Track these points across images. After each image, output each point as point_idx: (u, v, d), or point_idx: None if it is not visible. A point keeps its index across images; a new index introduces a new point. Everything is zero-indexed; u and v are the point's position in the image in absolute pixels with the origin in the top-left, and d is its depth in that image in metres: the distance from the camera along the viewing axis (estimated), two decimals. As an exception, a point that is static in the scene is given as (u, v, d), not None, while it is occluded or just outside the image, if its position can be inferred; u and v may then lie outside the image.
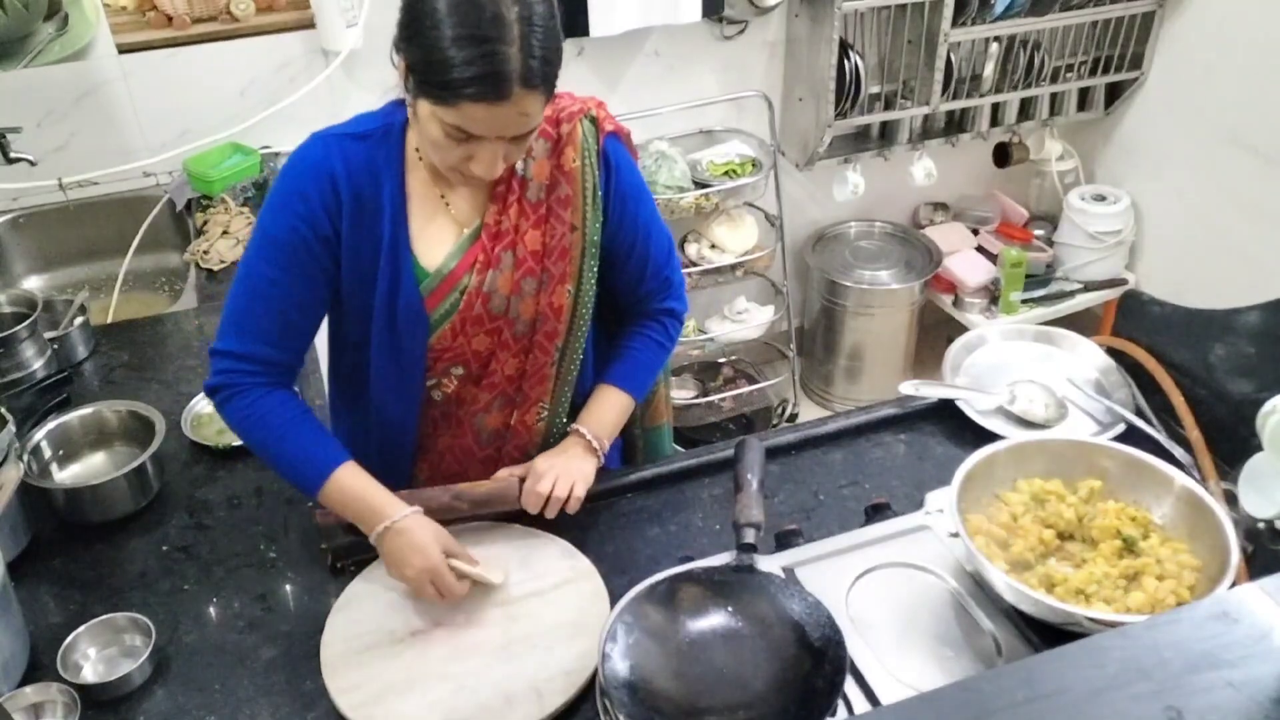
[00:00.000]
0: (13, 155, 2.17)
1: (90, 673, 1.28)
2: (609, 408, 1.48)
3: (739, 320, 3.04)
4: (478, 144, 1.20)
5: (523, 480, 1.41)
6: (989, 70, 2.88)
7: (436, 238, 1.35)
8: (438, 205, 1.35)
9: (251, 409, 1.33)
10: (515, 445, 1.48)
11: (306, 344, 1.39)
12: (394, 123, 1.32)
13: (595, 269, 1.41)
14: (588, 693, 1.22)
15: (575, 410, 1.51)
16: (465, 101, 1.14)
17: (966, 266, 3.18)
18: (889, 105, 2.90)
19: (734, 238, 2.91)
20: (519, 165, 1.35)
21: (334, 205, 1.29)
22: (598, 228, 1.39)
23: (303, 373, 1.75)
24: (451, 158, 1.23)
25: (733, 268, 2.94)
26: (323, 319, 1.41)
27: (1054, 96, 3.07)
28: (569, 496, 1.38)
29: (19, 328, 1.72)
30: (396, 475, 1.49)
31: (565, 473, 1.39)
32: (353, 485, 1.32)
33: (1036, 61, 2.91)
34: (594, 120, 1.38)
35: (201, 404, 1.69)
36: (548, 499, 1.38)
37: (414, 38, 1.16)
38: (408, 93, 1.23)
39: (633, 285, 1.49)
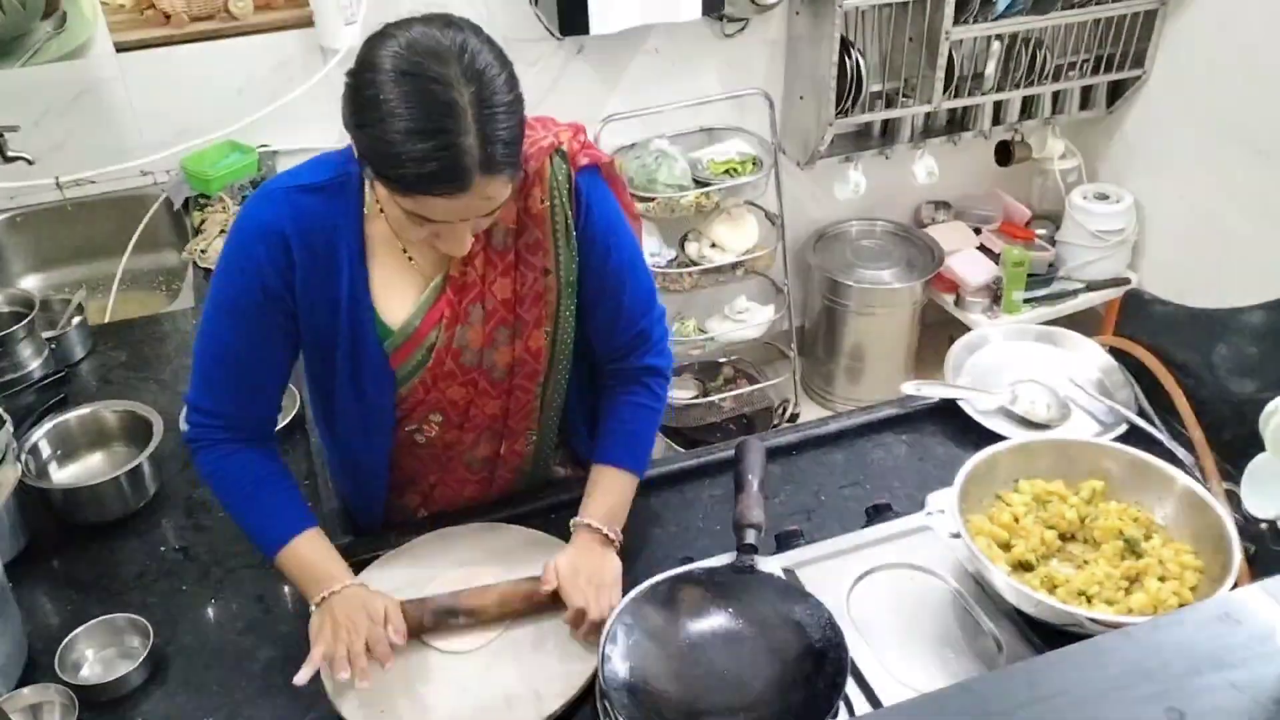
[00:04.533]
0: (10, 154, 2.16)
1: (88, 674, 1.28)
2: (614, 493, 1.37)
3: (739, 320, 3.03)
4: (443, 224, 1.14)
5: (530, 579, 1.30)
6: (991, 68, 2.87)
7: (399, 291, 1.29)
8: (399, 259, 1.28)
9: (218, 465, 1.30)
10: (507, 469, 1.46)
11: (276, 398, 1.36)
12: (352, 172, 1.24)
13: (573, 308, 1.34)
14: (587, 694, 1.21)
15: (564, 430, 1.48)
16: (423, 195, 1.08)
17: (968, 266, 3.18)
18: (890, 103, 2.89)
19: (734, 236, 2.90)
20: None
21: (285, 264, 1.23)
22: (574, 268, 1.31)
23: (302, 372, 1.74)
24: (416, 235, 1.17)
25: (733, 267, 2.93)
26: (290, 372, 1.35)
27: (1056, 95, 3.06)
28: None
29: (16, 327, 1.72)
30: (373, 499, 1.47)
31: (599, 586, 1.27)
32: (305, 553, 1.27)
33: (1039, 60, 2.90)
34: (564, 155, 1.28)
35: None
36: (584, 617, 1.26)
37: (362, 125, 1.08)
38: (365, 172, 1.16)
39: (605, 335, 1.38)
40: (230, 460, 1.30)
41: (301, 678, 1.17)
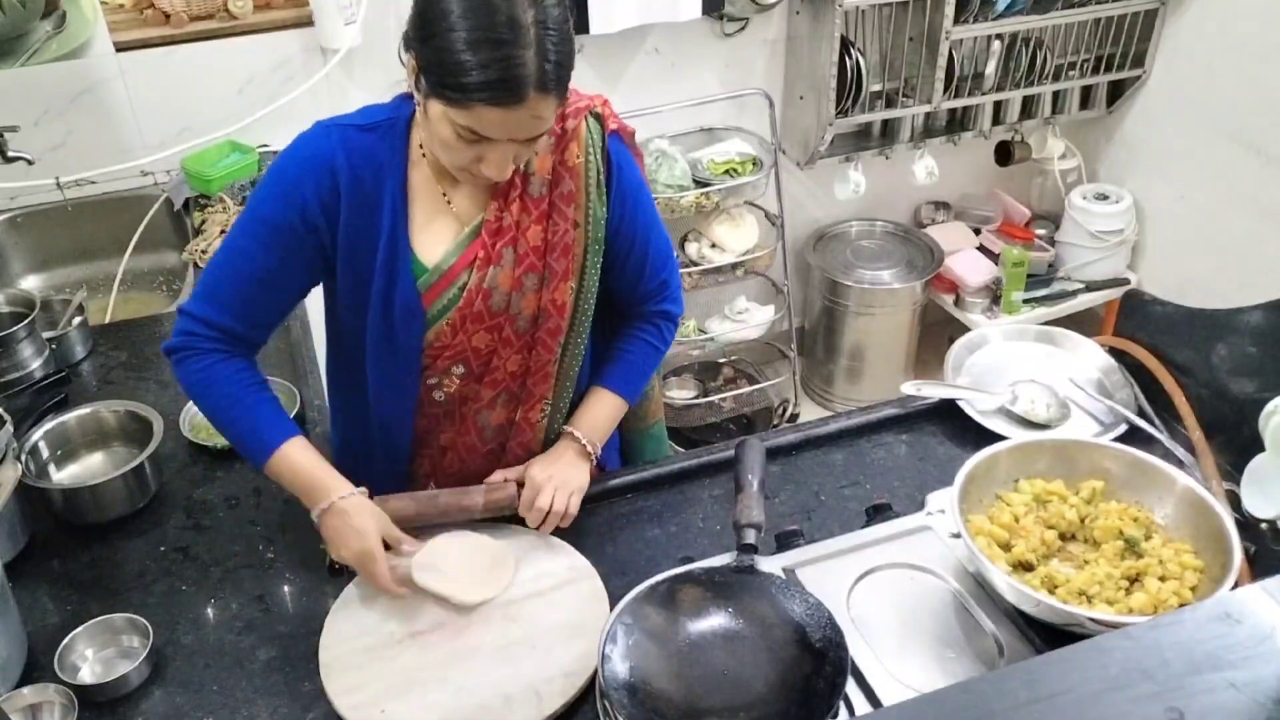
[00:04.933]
0: (10, 154, 2.16)
1: (88, 674, 1.28)
2: (602, 410, 1.48)
3: (739, 320, 3.03)
4: (489, 145, 1.20)
5: (519, 484, 1.41)
6: (991, 68, 2.87)
7: (437, 234, 1.35)
8: (439, 202, 1.34)
9: (206, 373, 1.33)
10: (518, 443, 1.48)
11: (274, 324, 1.39)
12: (400, 117, 1.32)
13: (598, 266, 1.40)
14: (587, 694, 1.21)
15: (575, 409, 1.50)
16: (479, 104, 1.14)
17: (968, 266, 3.18)
18: (890, 103, 2.90)
19: (734, 237, 2.90)
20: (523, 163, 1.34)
21: (331, 198, 1.29)
22: (601, 224, 1.38)
23: (301, 372, 1.75)
24: (461, 158, 1.23)
25: (733, 267, 2.93)
26: (296, 305, 1.40)
27: (1056, 95, 3.06)
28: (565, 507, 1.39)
29: (17, 328, 1.72)
30: (395, 471, 1.49)
31: (563, 484, 1.40)
32: (300, 461, 1.32)
33: (1039, 59, 2.90)
34: (599, 117, 1.37)
35: (200, 404, 1.69)
36: (546, 514, 1.38)
37: (428, 39, 1.14)
38: (417, 91, 1.21)
39: (630, 286, 1.48)
40: (217, 369, 1.33)
41: (388, 584, 1.29)
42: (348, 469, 1.40)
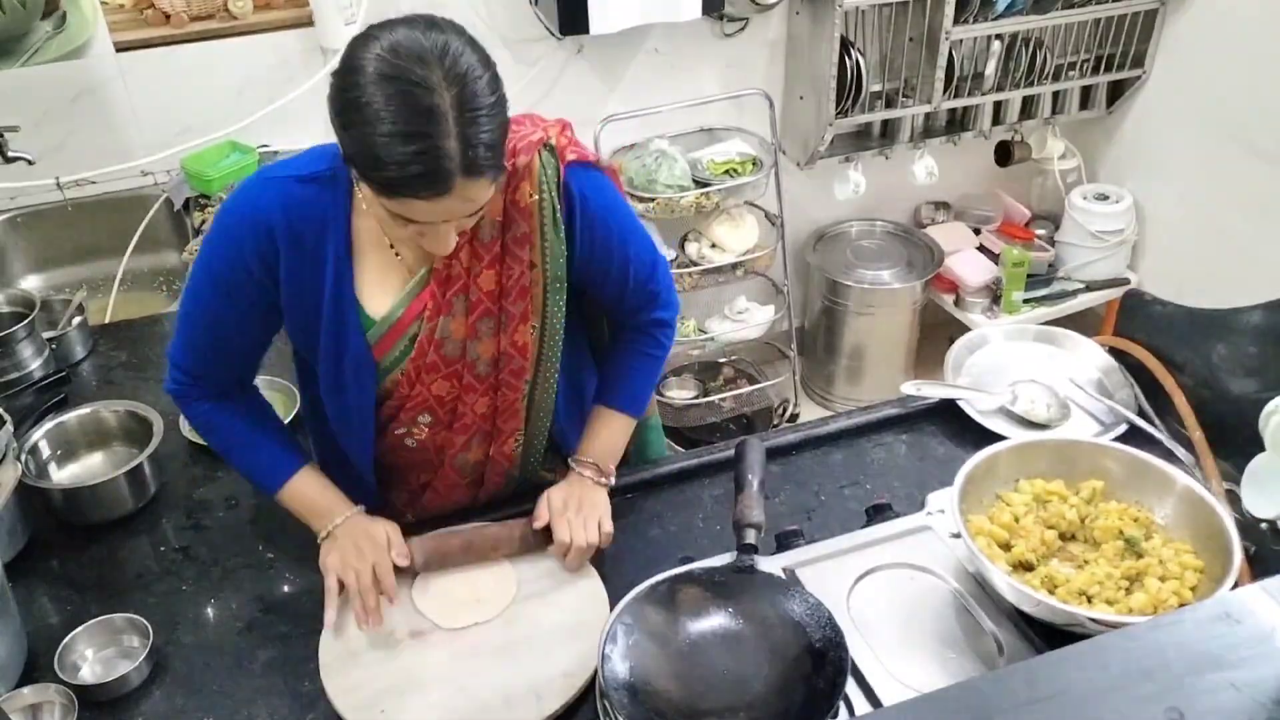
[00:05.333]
0: (10, 154, 2.16)
1: (88, 673, 1.28)
2: (610, 432, 1.45)
3: (739, 320, 3.03)
4: (427, 225, 1.15)
5: (527, 518, 1.39)
6: (991, 68, 2.87)
7: (383, 284, 1.30)
8: (386, 252, 1.29)
9: (206, 418, 1.37)
10: (495, 472, 1.46)
11: (254, 363, 1.40)
12: (340, 167, 1.24)
13: (562, 304, 1.34)
14: (587, 694, 1.21)
15: (554, 436, 1.48)
16: (406, 197, 1.09)
17: (968, 266, 3.18)
18: (890, 103, 2.89)
19: (734, 237, 2.90)
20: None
21: (270, 253, 1.25)
22: (561, 263, 1.32)
23: (290, 390, 1.73)
24: (401, 234, 1.20)
25: (733, 267, 2.93)
26: (266, 348, 1.39)
27: (1056, 95, 3.06)
28: (598, 537, 1.36)
29: (17, 327, 1.72)
30: (362, 499, 1.45)
31: (588, 517, 1.36)
32: (302, 491, 1.35)
33: (1039, 60, 2.90)
34: (553, 150, 1.29)
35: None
36: (570, 545, 1.35)
37: (347, 127, 1.08)
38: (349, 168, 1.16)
39: (615, 304, 1.44)
40: (218, 413, 1.36)
41: (329, 619, 1.27)
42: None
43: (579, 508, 1.36)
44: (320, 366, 1.33)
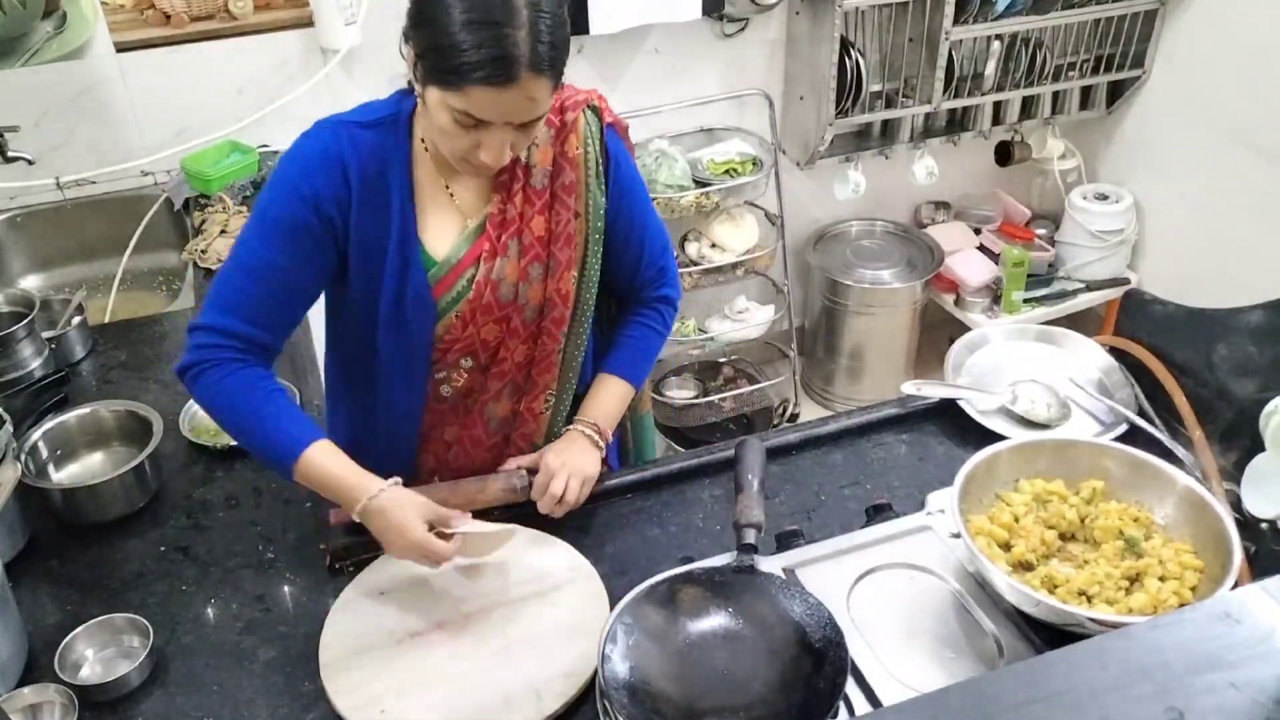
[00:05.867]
0: (10, 154, 2.16)
1: (88, 673, 1.28)
2: (610, 397, 1.50)
3: (739, 320, 3.03)
4: (485, 131, 1.21)
5: (529, 472, 1.43)
6: (991, 68, 2.87)
7: (443, 228, 1.36)
8: (443, 196, 1.36)
9: (223, 384, 1.30)
10: (522, 434, 1.50)
11: (290, 329, 1.37)
12: (401, 112, 1.33)
13: (599, 254, 1.43)
14: (587, 694, 1.21)
15: (578, 399, 1.52)
16: (473, 86, 1.15)
17: (968, 266, 3.18)
18: (890, 104, 2.90)
19: (735, 237, 2.90)
20: (522, 153, 1.36)
21: (344, 193, 1.29)
22: (601, 214, 1.41)
23: (300, 372, 1.75)
24: (459, 146, 1.24)
25: (733, 267, 2.93)
26: (309, 307, 1.39)
27: (1056, 95, 3.06)
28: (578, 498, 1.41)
29: (16, 327, 1.72)
30: (399, 465, 1.48)
31: (575, 471, 1.40)
32: (327, 464, 1.30)
33: (1038, 60, 2.90)
34: (596, 110, 1.40)
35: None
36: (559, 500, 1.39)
37: (423, 24, 1.17)
38: (416, 81, 1.23)
39: (630, 274, 1.50)
40: (234, 378, 1.30)
41: (446, 565, 1.30)
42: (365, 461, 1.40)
43: (572, 464, 1.40)
44: (381, 311, 1.36)
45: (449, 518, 1.31)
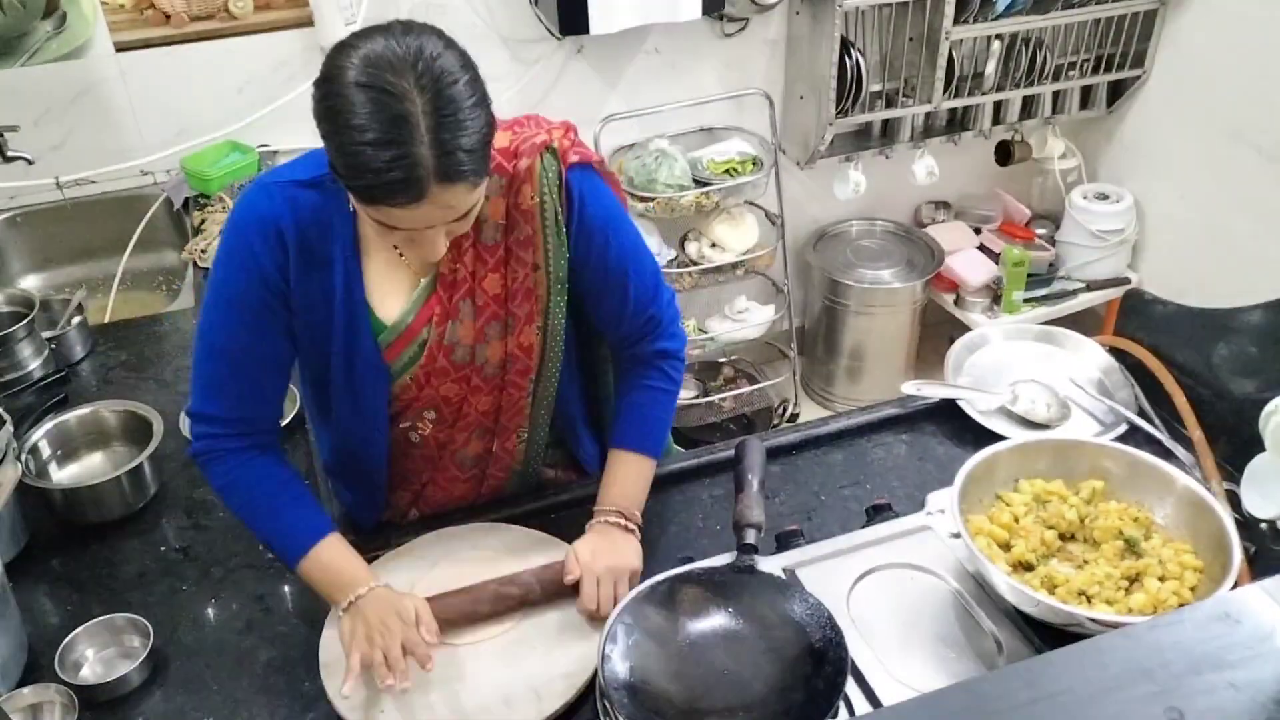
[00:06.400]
0: (10, 154, 2.16)
1: (88, 673, 1.28)
2: (627, 477, 1.39)
3: (739, 319, 3.03)
4: (414, 231, 1.14)
5: (546, 566, 1.33)
6: (991, 68, 2.87)
7: (392, 288, 1.30)
8: (392, 254, 1.29)
9: (231, 476, 1.30)
10: (498, 467, 1.46)
11: (280, 397, 1.35)
12: None
13: (563, 304, 1.34)
14: (587, 694, 1.21)
15: (558, 433, 1.49)
16: (385, 205, 1.09)
17: (968, 265, 3.18)
18: (890, 103, 2.89)
19: (734, 236, 2.90)
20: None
21: (282, 258, 1.24)
22: (564, 264, 1.31)
23: (290, 390, 1.73)
24: (391, 241, 1.20)
25: (733, 266, 2.93)
26: (290, 371, 1.35)
27: (1056, 95, 3.06)
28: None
29: (16, 327, 1.72)
30: (371, 498, 1.48)
31: (605, 573, 1.29)
32: (327, 562, 1.27)
33: (1039, 59, 2.90)
34: (555, 152, 1.28)
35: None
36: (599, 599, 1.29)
37: (328, 137, 1.09)
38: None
39: (614, 323, 1.40)
40: (243, 472, 1.29)
41: (347, 688, 1.17)
42: (334, 488, 1.40)
43: (607, 560, 1.30)
44: (333, 372, 1.32)
45: (434, 632, 1.23)
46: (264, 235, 1.23)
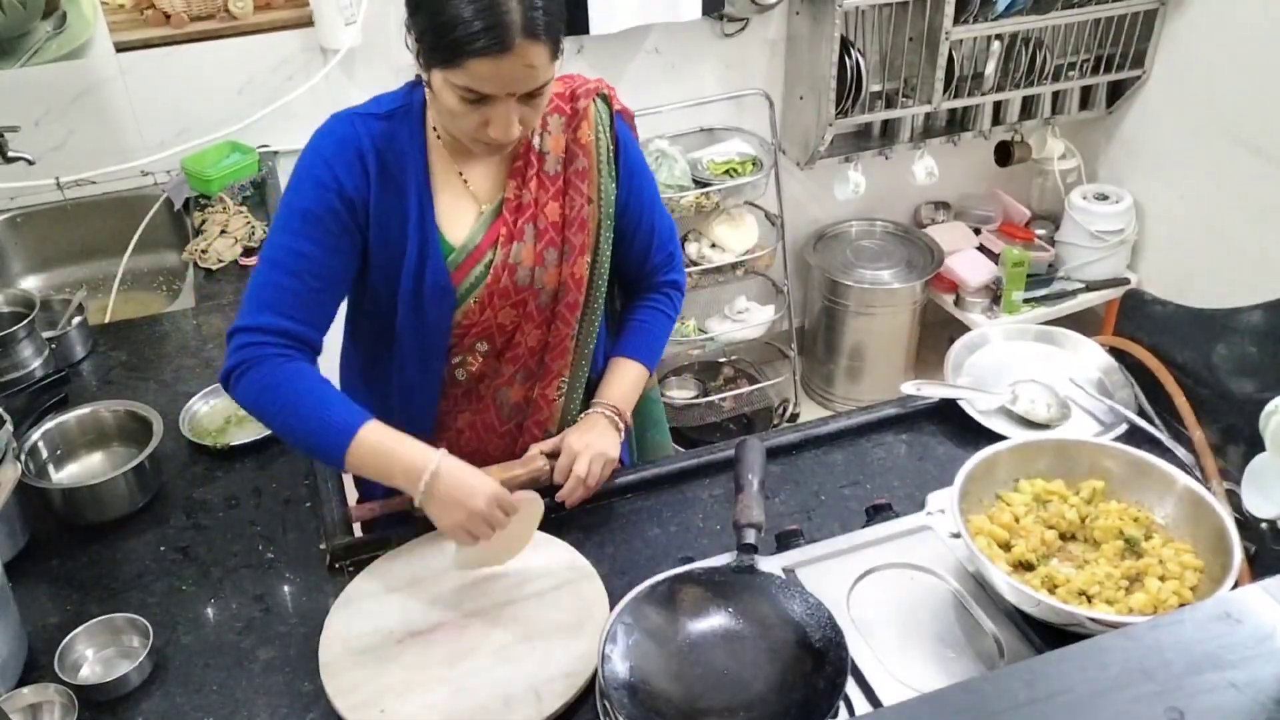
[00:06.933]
0: (10, 154, 2.16)
1: (88, 673, 1.28)
2: (626, 379, 1.51)
3: (739, 320, 3.03)
4: (491, 106, 1.22)
5: (551, 457, 1.43)
6: (991, 68, 2.87)
7: (459, 214, 1.39)
8: (458, 183, 1.38)
9: (267, 379, 1.28)
10: (535, 421, 1.51)
11: (330, 319, 1.37)
12: (413, 102, 1.35)
13: (610, 240, 1.45)
14: (587, 694, 1.21)
15: (590, 387, 1.54)
16: (472, 59, 1.17)
17: (968, 266, 3.18)
18: (890, 103, 2.90)
19: (734, 237, 2.90)
20: (535, 140, 1.38)
21: (362, 179, 1.31)
22: (612, 200, 1.43)
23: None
24: (468, 124, 1.25)
25: (733, 267, 2.93)
26: (342, 299, 1.40)
27: (1056, 95, 3.06)
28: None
29: (17, 327, 1.72)
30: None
31: (597, 453, 1.41)
32: (380, 444, 1.27)
33: (1038, 60, 2.90)
34: (605, 98, 1.43)
35: (199, 404, 1.69)
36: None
37: (418, 8, 1.20)
38: (421, 69, 1.25)
39: (640, 259, 1.53)
40: (278, 373, 1.28)
41: (461, 558, 1.31)
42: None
43: (598, 446, 1.41)
44: (400, 298, 1.37)
45: (510, 504, 1.29)
46: (344, 157, 1.31)
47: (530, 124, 1.30)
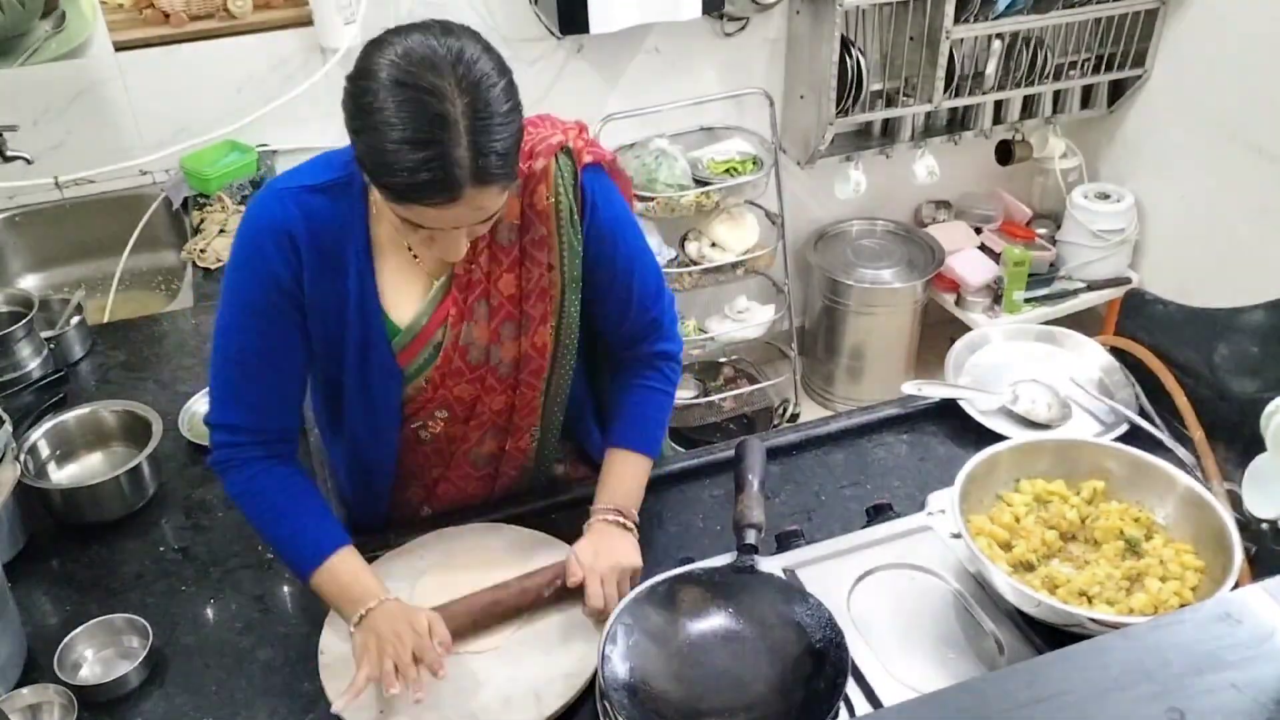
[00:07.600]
0: (9, 153, 2.16)
1: (88, 674, 1.28)
2: (626, 475, 1.39)
3: (740, 319, 3.03)
4: (438, 231, 1.15)
5: (550, 569, 1.32)
6: (992, 67, 2.87)
7: (406, 291, 1.30)
8: (405, 256, 1.29)
9: (249, 484, 1.29)
10: (510, 465, 1.46)
11: (299, 403, 1.35)
12: (356, 171, 1.22)
13: (577, 303, 1.35)
14: (587, 695, 1.21)
15: (568, 426, 1.48)
16: (415, 204, 1.09)
17: (969, 265, 3.17)
18: (891, 103, 2.89)
19: (735, 236, 2.90)
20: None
21: (295, 264, 1.23)
22: (578, 263, 1.32)
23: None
24: (413, 240, 1.20)
25: (734, 266, 2.93)
26: (307, 376, 1.36)
27: (1057, 94, 3.06)
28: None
29: (15, 327, 1.72)
30: (376, 497, 1.47)
31: (608, 572, 1.28)
32: (340, 574, 1.25)
33: (1039, 59, 2.90)
34: (569, 153, 1.29)
35: (198, 404, 1.68)
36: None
37: (360, 133, 1.09)
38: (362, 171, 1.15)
39: (617, 323, 1.41)
40: (260, 480, 1.29)
41: (341, 703, 1.16)
42: (343, 488, 1.40)
43: (610, 560, 1.29)
44: (346, 375, 1.32)
45: (446, 644, 1.21)
46: (276, 241, 1.22)
47: (480, 233, 1.21)
